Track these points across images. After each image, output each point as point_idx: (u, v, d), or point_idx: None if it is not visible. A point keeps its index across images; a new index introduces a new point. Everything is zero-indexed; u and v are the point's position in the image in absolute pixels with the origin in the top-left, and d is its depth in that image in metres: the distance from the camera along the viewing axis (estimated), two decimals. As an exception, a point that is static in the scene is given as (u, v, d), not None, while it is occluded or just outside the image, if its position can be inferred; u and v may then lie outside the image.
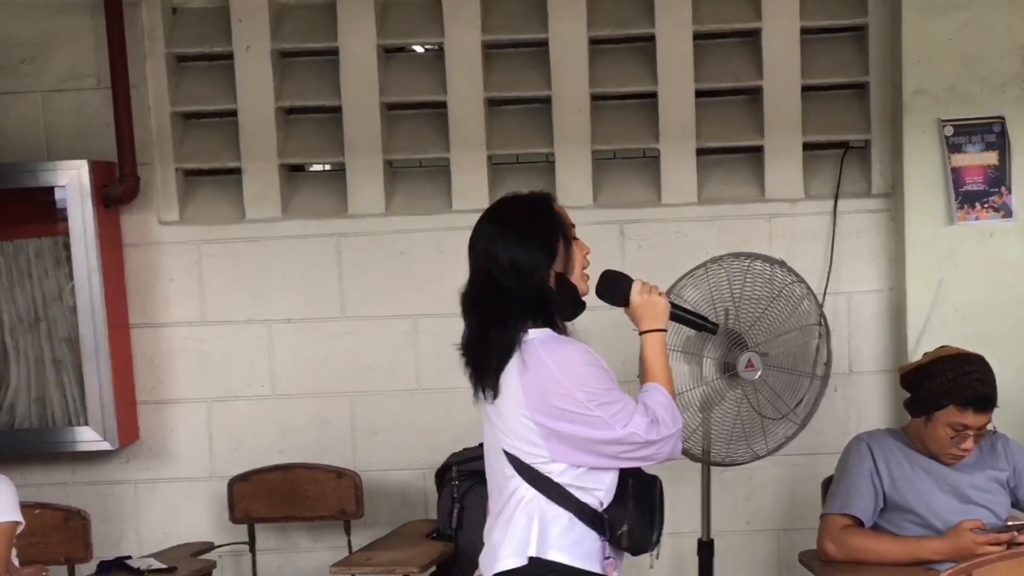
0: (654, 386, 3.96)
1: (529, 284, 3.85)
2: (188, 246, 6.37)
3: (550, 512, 3.88)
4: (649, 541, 3.97)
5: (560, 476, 3.88)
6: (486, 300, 3.90)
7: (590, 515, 3.90)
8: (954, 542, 4.69)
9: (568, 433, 3.82)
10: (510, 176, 6.30)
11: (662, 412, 3.88)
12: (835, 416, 6.16)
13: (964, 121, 5.89)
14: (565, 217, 3.97)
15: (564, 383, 3.78)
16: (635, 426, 3.81)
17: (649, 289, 4.08)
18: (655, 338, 4.04)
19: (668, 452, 3.93)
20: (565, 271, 3.92)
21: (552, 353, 3.81)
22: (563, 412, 3.79)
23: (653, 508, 3.97)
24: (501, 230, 3.91)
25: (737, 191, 6.26)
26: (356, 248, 6.32)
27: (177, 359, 6.40)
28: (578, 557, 3.89)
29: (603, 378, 3.84)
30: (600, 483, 3.91)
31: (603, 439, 3.82)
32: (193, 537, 6.22)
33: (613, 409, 3.80)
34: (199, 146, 6.41)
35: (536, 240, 3.88)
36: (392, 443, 6.36)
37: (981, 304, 5.89)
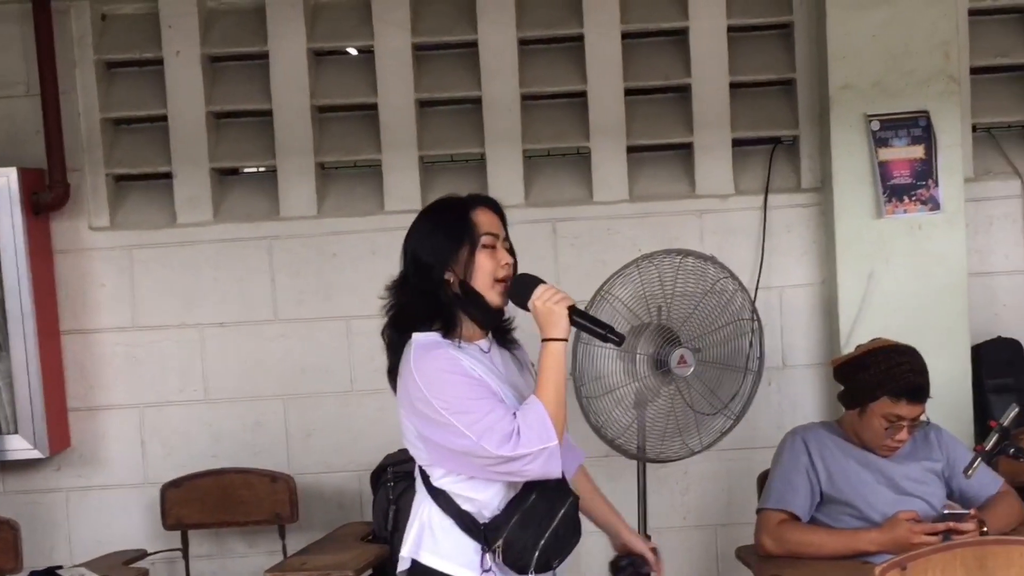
0: (532, 400, 3.62)
1: (426, 283, 3.68)
2: (119, 251, 6.09)
3: (434, 514, 3.72)
4: (527, 561, 3.63)
5: (439, 480, 3.71)
6: (396, 296, 3.78)
7: (469, 523, 3.68)
8: (890, 533, 4.52)
9: (431, 438, 3.64)
10: (442, 177, 6.09)
11: (527, 428, 3.54)
12: (770, 410, 5.98)
13: (890, 116, 5.72)
14: (482, 225, 3.70)
15: (422, 388, 3.59)
16: (487, 440, 3.52)
17: (550, 296, 3.66)
18: (549, 348, 3.65)
19: (538, 470, 3.57)
20: (466, 277, 3.67)
21: (417, 358, 3.63)
22: (424, 416, 3.61)
23: (543, 526, 3.64)
24: (417, 225, 3.79)
25: (668, 188, 6.05)
26: (288, 251, 6.07)
27: (109, 365, 6.11)
28: (455, 565, 3.69)
29: (465, 386, 3.60)
30: (480, 493, 3.68)
31: (459, 448, 3.57)
32: (126, 545, 5.88)
33: (469, 419, 3.54)
34: (130, 151, 6.16)
35: (438, 240, 3.69)
36: (326, 446, 6.08)
37: (911, 296, 5.70)
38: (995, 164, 5.96)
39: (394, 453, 5.49)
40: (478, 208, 3.75)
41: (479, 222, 3.71)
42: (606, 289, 5.15)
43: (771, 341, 5.82)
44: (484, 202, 3.79)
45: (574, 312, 3.70)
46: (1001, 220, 5.95)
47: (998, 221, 5.95)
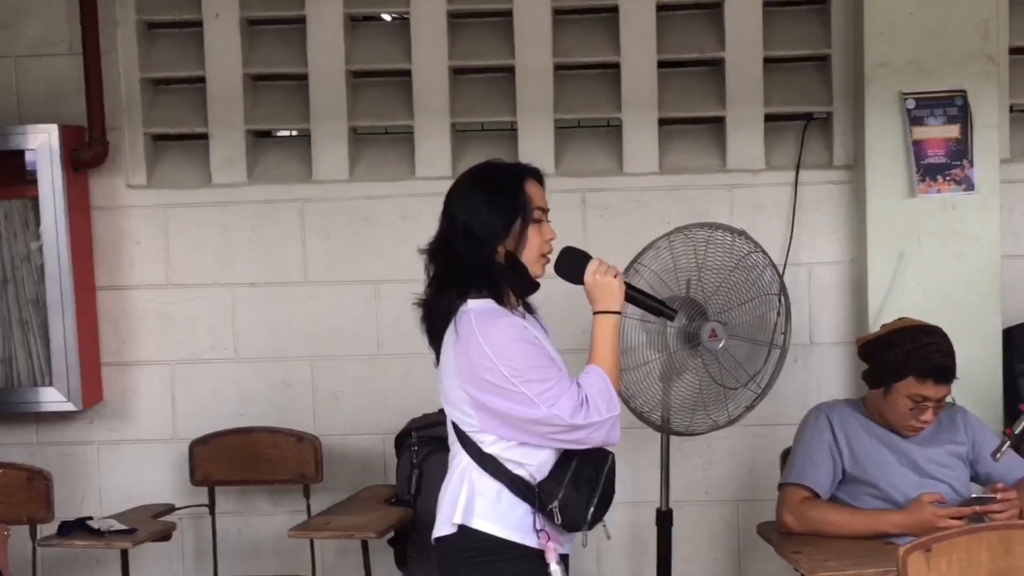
0: (594, 369, 3.65)
1: (477, 254, 3.63)
2: (155, 210, 5.94)
3: (481, 481, 3.66)
4: (582, 519, 3.66)
5: (491, 447, 3.65)
6: (438, 260, 3.72)
7: (521, 487, 3.65)
8: (915, 515, 4.38)
9: (494, 407, 3.59)
10: (473, 144, 5.89)
11: (595, 396, 3.58)
12: (795, 387, 5.77)
13: (926, 94, 5.48)
14: (534, 199, 3.68)
15: (491, 357, 3.54)
16: (560, 408, 3.52)
17: (605, 270, 3.72)
18: (605, 320, 3.69)
19: (601, 438, 3.61)
20: (516, 251, 3.65)
21: (483, 325, 3.57)
22: (489, 385, 3.56)
23: (593, 487, 3.68)
24: (467, 193, 3.70)
25: (699, 161, 5.83)
26: (320, 213, 5.89)
27: (142, 322, 5.96)
28: (507, 528, 3.65)
29: (534, 355, 3.59)
30: (532, 458, 3.65)
31: (527, 417, 3.55)
32: (154, 499, 5.78)
33: (540, 388, 3.53)
34: (167, 112, 5.98)
35: (493, 213, 3.63)
36: (352, 408, 5.91)
37: (942, 277, 5.48)
38: None
39: (419, 417, 5.43)
40: (529, 180, 3.71)
41: (532, 195, 3.68)
42: (640, 261, 4.97)
43: (798, 318, 5.63)
44: (533, 174, 3.75)
45: (629, 286, 3.75)
46: None
47: None
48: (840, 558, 4.21)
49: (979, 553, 3.63)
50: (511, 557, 3.65)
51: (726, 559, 5.85)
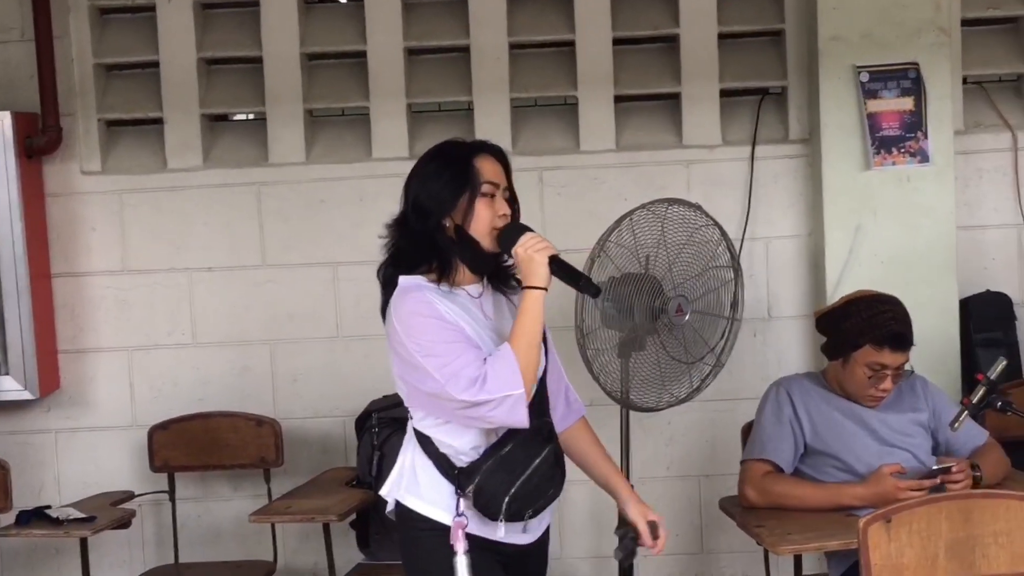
0: (504, 347, 3.46)
1: (424, 226, 3.52)
2: (110, 196, 5.79)
3: (417, 458, 3.59)
4: (497, 508, 3.46)
5: (419, 423, 3.58)
6: (394, 234, 3.61)
7: (446, 467, 3.54)
8: (875, 487, 4.27)
9: (405, 379, 3.53)
10: (429, 125, 5.77)
11: (495, 374, 3.38)
12: (754, 361, 5.70)
13: (879, 67, 5.41)
14: (485, 174, 3.53)
15: (399, 331, 3.45)
16: (453, 384, 3.37)
17: (532, 244, 3.50)
18: (527, 296, 3.50)
19: (502, 416, 3.40)
20: (464, 224, 3.51)
21: (397, 301, 3.50)
22: (400, 358, 3.49)
23: (516, 475, 3.47)
24: (419, 169, 3.61)
25: (655, 138, 5.73)
26: (277, 197, 5.76)
27: (98, 308, 5.81)
28: (432, 507, 3.55)
29: (438, 330, 3.44)
30: (456, 439, 3.53)
31: (427, 391, 3.45)
32: (113, 486, 5.65)
33: (438, 362, 3.40)
34: (121, 97, 5.84)
35: (441, 185, 3.52)
36: (312, 391, 5.79)
37: (899, 249, 5.41)
38: (985, 117, 5.65)
39: (379, 399, 5.35)
40: (482, 156, 3.58)
41: (481, 170, 3.54)
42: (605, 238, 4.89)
43: (756, 292, 5.65)
44: (489, 150, 3.61)
45: (554, 262, 3.52)
46: (991, 173, 5.65)
47: (988, 174, 5.65)
48: (802, 531, 4.13)
49: (939, 523, 3.57)
50: (436, 537, 3.51)
51: (688, 535, 5.76)
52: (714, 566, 5.73)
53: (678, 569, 5.73)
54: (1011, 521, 3.58)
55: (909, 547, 3.55)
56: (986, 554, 3.58)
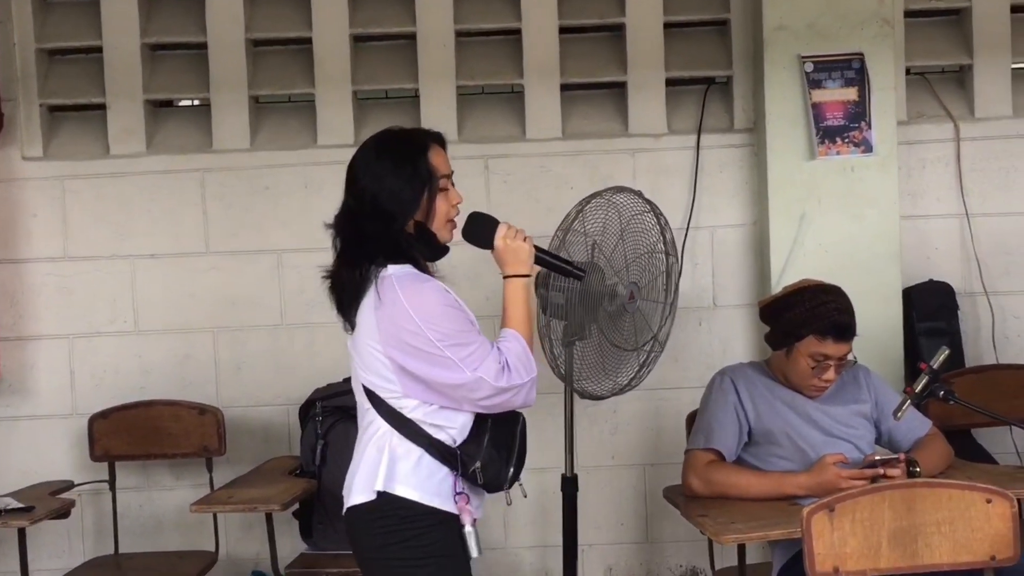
0: (511, 333, 3.54)
1: (386, 228, 3.46)
2: (51, 181, 5.66)
3: (401, 447, 3.49)
4: (504, 478, 3.56)
5: (412, 412, 3.49)
6: (345, 232, 3.52)
7: (442, 451, 3.50)
8: (817, 477, 4.19)
9: (419, 372, 3.43)
10: (375, 112, 5.68)
11: (515, 360, 3.47)
12: (699, 350, 5.64)
13: (824, 57, 5.35)
14: (439, 168, 3.51)
15: (417, 321, 3.38)
16: (485, 371, 3.40)
17: (514, 234, 3.60)
18: (516, 283, 3.59)
19: (521, 401, 3.52)
20: (425, 220, 3.50)
21: (407, 290, 3.40)
22: (414, 350, 3.40)
23: (510, 446, 3.58)
24: (372, 164, 3.50)
25: (601, 126, 5.65)
26: (221, 183, 5.65)
27: (39, 295, 5.67)
28: (427, 494, 3.49)
29: (458, 319, 3.44)
30: (453, 421, 3.51)
31: (452, 382, 3.41)
32: (53, 476, 5.51)
33: (465, 352, 3.39)
34: (64, 82, 5.71)
35: (400, 185, 3.45)
36: (255, 379, 5.68)
37: (843, 238, 5.35)
38: (928, 107, 5.59)
39: (323, 388, 5.32)
40: (432, 148, 3.53)
41: (436, 165, 3.51)
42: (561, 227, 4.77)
43: (701, 281, 5.60)
44: (435, 139, 3.58)
45: (538, 249, 3.65)
46: (934, 163, 5.59)
47: (931, 164, 5.59)
48: (746, 520, 4.03)
49: (882, 512, 3.54)
50: (430, 523, 3.49)
51: (633, 523, 5.68)
52: (659, 555, 5.64)
53: (623, 558, 5.66)
54: (953, 510, 3.55)
55: (852, 536, 3.51)
56: (929, 543, 3.55)
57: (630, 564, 5.66)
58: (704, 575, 5.55)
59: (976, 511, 3.54)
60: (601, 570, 5.65)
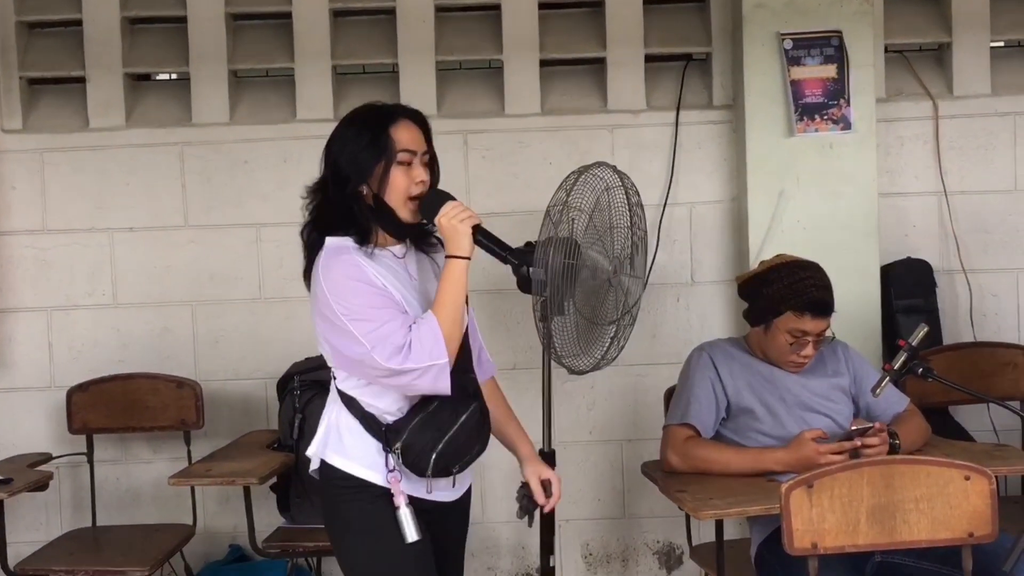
0: (428, 315, 3.38)
1: (341, 192, 3.41)
2: (30, 154, 5.54)
3: (341, 417, 3.48)
4: (426, 463, 3.39)
5: (343, 383, 3.48)
6: (315, 196, 3.49)
7: (373, 425, 3.44)
8: (796, 453, 4.14)
9: (329, 341, 3.42)
10: (355, 86, 5.56)
11: (420, 343, 3.31)
12: (677, 326, 5.57)
13: (803, 34, 5.26)
14: (400, 142, 3.42)
15: (327, 292, 3.35)
16: (379, 351, 3.28)
17: (456, 214, 3.43)
18: (450, 265, 3.42)
19: (427, 385, 3.35)
20: (380, 192, 3.41)
21: (326, 262, 3.38)
22: (326, 320, 3.38)
23: (443, 432, 3.41)
24: (339, 133, 3.47)
25: (580, 102, 5.55)
26: (200, 157, 5.54)
27: (17, 268, 5.55)
28: (356, 464, 3.45)
29: (366, 294, 3.36)
30: (379, 399, 3.44)
31: (351, 355, 3.35)
32: (31, 448, 5.41)
33: (365, 327, 3.30)
34: (43, 55, 5.59)
35: (356, 153, 3.41)
36: (234, 353, 5.58)
37: (821, 215, 5.27)
38: (907, 85, 5.51)
39: (301, 362, 5.21)
40: (400, 122, 3.44)
41: (398, 138, 3.42)
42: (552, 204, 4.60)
43: (679, 257, 5.53)
44: (407, 115, 3.48)
45: (478, 232, 3.47)
46: (912, 141, 5.52)
47: (909, 142, 5.52)
48: (724, 496, 3.98)
49: (860, 488, 3.53)
50: (364, 496, 3.43)
51: (610, 499, 5.60)
52: (636, 531, 5.57)
53: (599, 534, 5.59)
54: (931, 487, 3.53)
55: (831, 512, 3.50)
56: (907, 520, 3.54)
57: (606, 540, 5.58)
58: (681, 551, 5.50)
59: (954, 488, 3.52)
60: (578, 545, 5.57)
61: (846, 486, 3.50)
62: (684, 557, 5.46)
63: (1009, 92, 5.48)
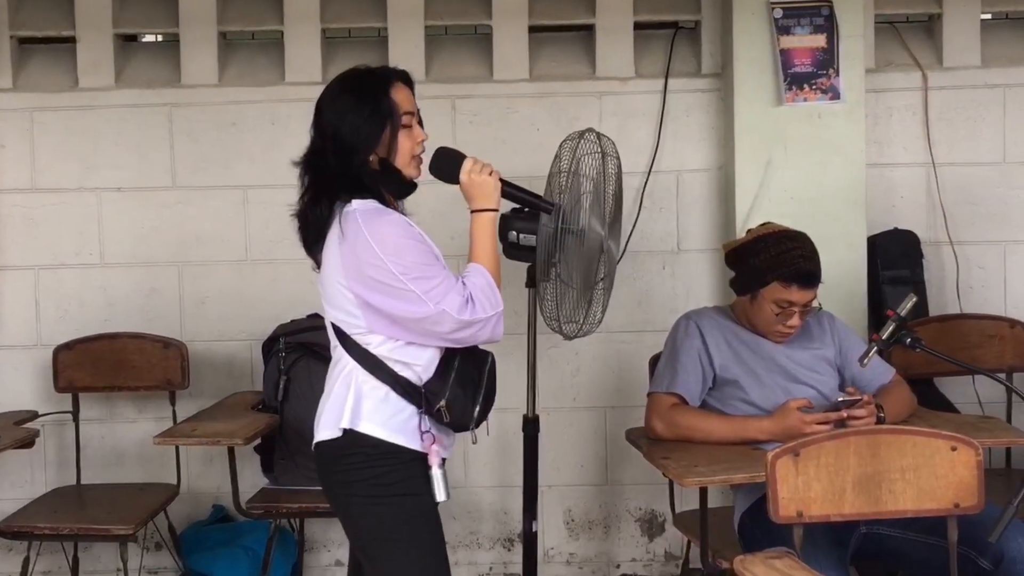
0: (475, 267, 3.44)
1: (347, 163, 3.36)
2: (20, 113, 5.40)
3: (367, 384, 3.39)
4: (470, 417, 3.46)
5: (377, 348, 3.38)
6: (311, 170, 3.43)
7: (407, 388, 3.39)
8: (781, 422, 4.08)
9: (382, 306, 3.32)
10: (343, 50, 5.42)
11: (479, 294, 3.37)
12: (663, 294, 5.46)
13: (793, 4, 5.14)
14: (402, 105, 3.41)
15: (379, 254, 3.27)
16: (448, 304, 3.29)
17: (480, 168, 3.52)
18: (482, 218, 3.49)
19: (487, 335, 3.41)
20: (388, 156, 3.40)
21: (370, 224, 3.30)
22: (377, 284, 3.29)
23: (477, 384, 3.49)
24: (335, 101, 3.42)
25: (568, 69, 5.42)
26: (188, 118, 5.40)
27: (5, 226, 5.41)
28: (392, 431, 3.39)
29: (422, 252, 3.34)
30: (418, 358, 3.41)
31: (416, 315, 3.30)
32: (17, 406, 5.28)
33: (428, 285, 3.28)
34: (33, 14, 5.44)
35: (362, 122, 3.36)
36: (220, 314, 5.45)
37: (809, 185, 5.16)
38: (896, 56, 5.39)
39: (287, 324, 5.14)
40: (395, 85, 3.43)
41: (398, 101, 3.41)
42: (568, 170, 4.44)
43: (666, 225, 5.44)
44: (400, 76, 3.47)
45: (505, 183, 3.56)
46: (901, 112, 5.40)
47: (898, 113, 5.40)
48: (709, 463, 3.91)
49: (847, 457, 3.48)
50: (396, 462, 3.39)
51: (593, 465, 5.50)
52: (619, 497, 5.49)
53: (582, 500, 5.50)
54: (918, 457, 3.50)
55: (816, 481, 3.46)
56: (892, 489, 3.50)
57: (589, 506, 5.50)
58: (663, 519, 5.42)
59: (941, 459, 3.50)
60: (560, 511, 5.49)
61: (832, 455, 3.46)
62: (667, 524, 5.38)
63: (999, 64, 5.36)
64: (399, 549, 3.41)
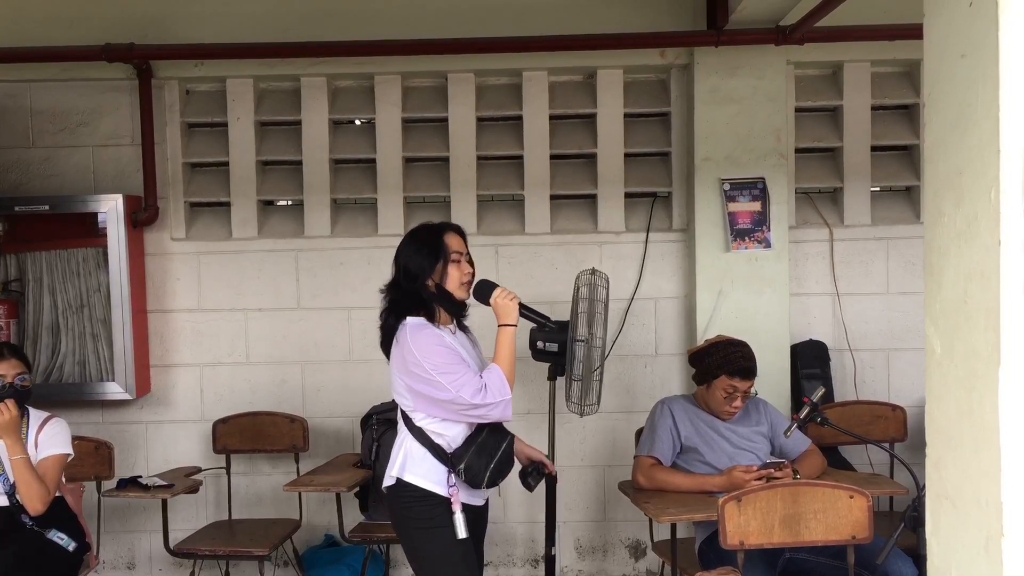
0: (494, 366, 3.48)
1: (412, 286, 3.48)
2: (191, 256, 5.56)
3: (414, 446, 3.50)
4: (481, 479, 3.48)
5: (420, 421, 3.50)
6: (389, 293, 3.57)
7: (440, 452, 3.49)
8: (728, 478, 4.17)
9: (421, 391, 3.44)
10: (419, 211, 5.54)
11: (491, 384, 3.41)
12: (645, 385, 5.50)
13: (737, 179, 5.26)
14: (451, 245, 3.52)
15: (416, 355, 3.40)
16: (464, 391, 3.37)
17: (505, 295, 3.57)
18: (505, 332, 3.54)
19: (498, 414, 3.45)
20: (442, 282, 3.49)
21: (413, 334, 3.43)
22: (416, 376, 3.42)
23: (492, 455, 3.49)
24: (406, 244, 3.57)
25: (578, 225, 5.52)
26: (309, 260, 5.54)
27: (179, 335, 5.56)
28: (429, 482, 3.49)
29: (446, 355, 3.42)
30: (449, 430, 3.50)
31: (441, 398, 3.40)
32: (186, 463, 5.42)
33: (451, 378, 3.38)
34: (201, 186, 5.60)
35: (422, 256, 3.50)
36: (331, 398, 5.54)
37: (748, 308, 5.25)
38: (811, 217, 5.49)
39: (378, 405, 5.20)
40: (448, 233, 3.55)
41: (449, 244, 3.52)
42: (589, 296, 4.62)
43: (647, 336, 5.49)
44: (452, 228, 3.60)
45: (522, 306, 3.61)
46: (814, 257, 5.49)
47: (812, 257, 5.49)
48: (678, 506, 4.05)
49: (775, 503, 3.60)
50: (430, 504, 3.49)
51: (595, 507, 5.57)
52: (613, 530, 5.54)
53: (587, 532, 5.55)
54: (826, 503, 3.61)
55: (754, 519, 3.58)
56: (808, 526, 3.61)
57: (592, 537, 5.55)
58: (645, 546, 5.48)
59: (842, 504, 3.60)
60: (572, 541, 5.53)
61: (765, 501, 3.59)
62: (648, 550, 5.44)
63: (884, 223, 5.44)
64: (436, 564, 3.48)
